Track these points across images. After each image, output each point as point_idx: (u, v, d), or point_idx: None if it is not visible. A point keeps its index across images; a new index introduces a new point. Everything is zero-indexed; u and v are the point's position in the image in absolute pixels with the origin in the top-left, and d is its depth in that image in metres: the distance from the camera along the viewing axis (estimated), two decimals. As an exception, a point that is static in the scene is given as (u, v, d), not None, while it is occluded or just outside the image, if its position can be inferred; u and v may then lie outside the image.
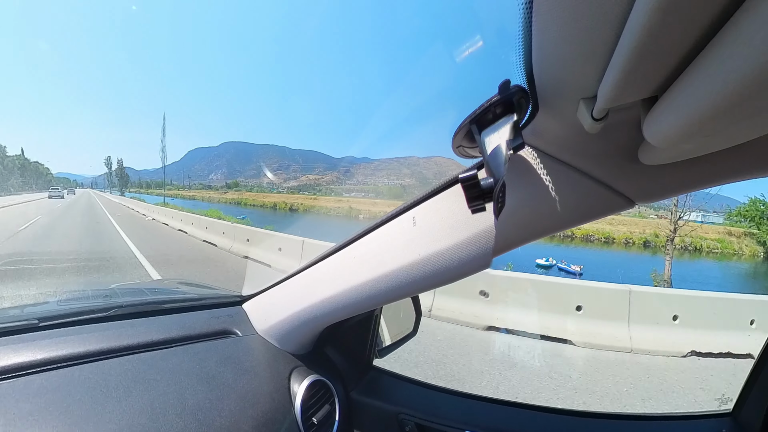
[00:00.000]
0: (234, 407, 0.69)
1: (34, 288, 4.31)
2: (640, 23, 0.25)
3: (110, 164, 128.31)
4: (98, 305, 0.87)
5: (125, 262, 6.91)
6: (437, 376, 3.08)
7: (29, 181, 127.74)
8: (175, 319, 0.88)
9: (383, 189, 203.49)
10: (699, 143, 0.35)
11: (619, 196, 0.52)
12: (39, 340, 0.69)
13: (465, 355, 3.61)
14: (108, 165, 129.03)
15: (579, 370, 3.47)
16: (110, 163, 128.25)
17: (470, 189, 0.41)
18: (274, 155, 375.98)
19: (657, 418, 1.02)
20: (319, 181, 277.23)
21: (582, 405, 2.82)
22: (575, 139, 0.47)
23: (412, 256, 0.61)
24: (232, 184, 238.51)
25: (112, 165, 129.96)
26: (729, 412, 0.96)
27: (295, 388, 0.81)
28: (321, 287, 0.76)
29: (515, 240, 0.57)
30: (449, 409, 0.94)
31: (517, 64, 0.40)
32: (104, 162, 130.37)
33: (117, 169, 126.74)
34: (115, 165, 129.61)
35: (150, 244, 9.20)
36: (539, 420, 0.93)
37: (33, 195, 53.91)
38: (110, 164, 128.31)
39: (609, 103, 0.34)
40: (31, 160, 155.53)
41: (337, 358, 0.99)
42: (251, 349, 0.87)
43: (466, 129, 0.45)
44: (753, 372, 0.92)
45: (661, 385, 3.23)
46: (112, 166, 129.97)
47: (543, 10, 0.31)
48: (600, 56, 0.32)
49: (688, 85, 0.28)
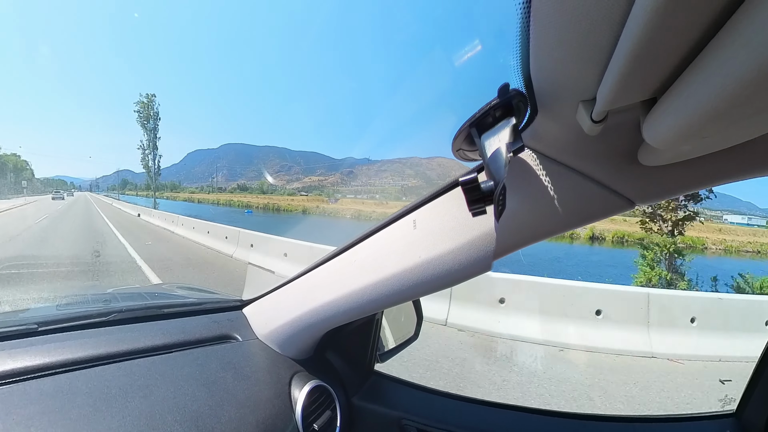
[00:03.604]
0: (234, 413, 0.69)
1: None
2: (638, 26, 0.25)
3: (117, 169, 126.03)
4: (97, 310, 0.86)
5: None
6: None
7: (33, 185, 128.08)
8: (175, 324, 0.88)
9: (391, 190, 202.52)
10: (698, 144, 0.35)
11: (619, 197, 0.52)
12: (38, 345, 0.69)
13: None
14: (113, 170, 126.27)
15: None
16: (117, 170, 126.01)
17: (471, 192, 0.41)
18: (274, 157, 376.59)
19: (661, 420, 1.02)
20: (322, 182, 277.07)
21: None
22: (575, 141, 0.47)
23: (412, 260, 0.60)
24: (242, 186, 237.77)
25: (111, 169, 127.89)
26: (732, 413, 0.95)
27: (296, 394, 0.80)
28: (321, 291, 0.76)
29: (516, 242, 0.57)
30: (452, 414, 0.93)
31: (516, 67, 0.40)
32: (103, 166, 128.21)
33: (115, 173, 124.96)
34: (114, 168, 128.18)
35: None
36: (544, 424, 0.92)
37: (37, 197, 59.52)
38: (117, 169, 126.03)
39: (608, 105, 0.34)
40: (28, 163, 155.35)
41: (338, 363, 0.98)
42: (251, 354, 0.86)
43: (466, 132, 0.45)
44: (756, 372, 0.92)
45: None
46: (110, 170, 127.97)
47: (541, 13, 0.31)
48: (599, 59, 0.32)
49: (687, 86, 0.28)
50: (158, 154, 49.17)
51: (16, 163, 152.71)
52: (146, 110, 49.39)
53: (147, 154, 48.89)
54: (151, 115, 49.56)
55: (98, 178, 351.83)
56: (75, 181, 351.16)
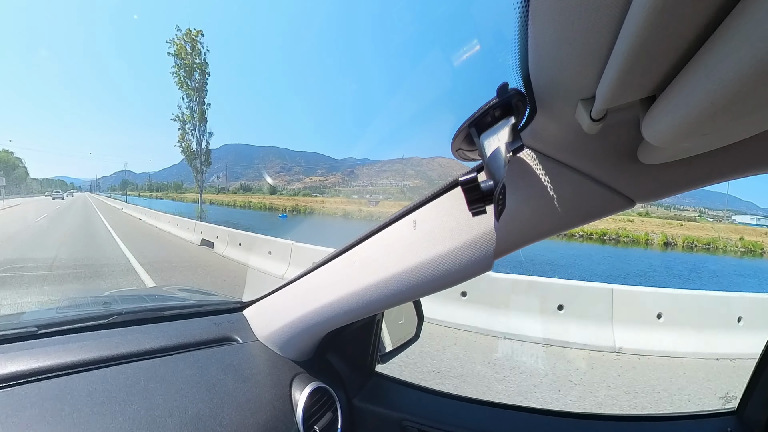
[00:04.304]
0: (235, 416, 0.69)
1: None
2: (637, 24, 0.25)
3: (123, 170, 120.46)
4: (97, 312, 0.86)
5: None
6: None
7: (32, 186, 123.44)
8: (175, 326, 0.88)
9: (394, 190, 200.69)
10: (698, 141, 0.35)
11: (619, 195, 0.52)
12: (38, 348, 0.69)
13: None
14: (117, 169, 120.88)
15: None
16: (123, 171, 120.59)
17: (470, 191, 0.41)
18: (275, 157, 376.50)
19: (662, 419, 1.02)
20: (324, 182, 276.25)
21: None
22: (574, 140, 0.47)
23: (413, 260, 0.60)
24: (245, 186, 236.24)
25: (111, 170, 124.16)
26: (734, 411, 0.95)
27: (297, 396, 0.80)
28: (322, 292, 0.76)
29: (517, 242, 0.57)
30: (454, 415, 0.93)
31: (514, 66, 0.40)
32: (104, 167, 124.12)
33: (116, 173, 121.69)
34: (115, 170, 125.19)
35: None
36: (546, 424, 0.92)
37: (22, 199, 55.29)
38: (123, 170, 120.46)
39: (607, 103, 0.34)
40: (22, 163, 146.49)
41: (339, 365, 0.98)
42: (252, 356, 0.86)
43: (466, 132, 0.45)
44: (756, 370, 0.92)
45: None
46: (111, 171, 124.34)
47: (539, 13, 0.31)
48: (597, 57, 0.32)
49: (686, 84, 0.28)
50: (206, 130, 27.45)
51: (7, 160, 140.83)
52: (188, 57, 26.79)
53: (189, 131, 26.89)
54: (196, 66, 26.95)
55: (99, 178, 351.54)
56: (75, 181, 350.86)
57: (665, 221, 42.93)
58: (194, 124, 26.72)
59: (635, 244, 35.35)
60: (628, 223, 41.56)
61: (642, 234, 36.46)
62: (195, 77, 26.93)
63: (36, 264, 6.58)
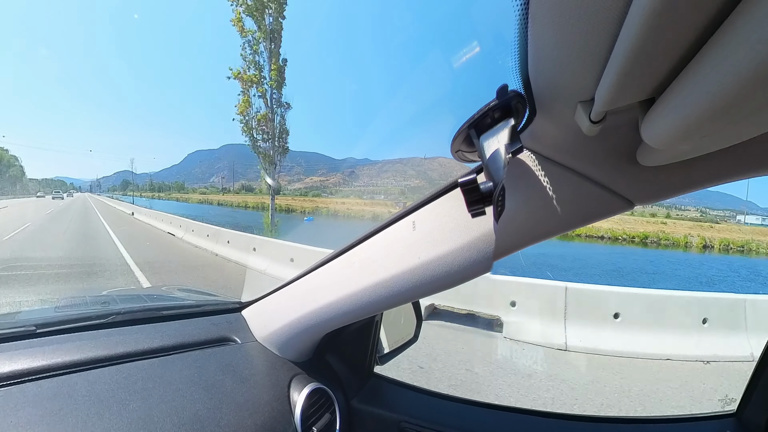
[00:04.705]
0: (233, 416, 0.68)
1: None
2: (636, 26, 0.25)
3: (129, 169, 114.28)
4: (96, 312, 0.86)
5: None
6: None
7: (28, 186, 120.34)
8: (174, 327, 0.88)
9: (395, 190, 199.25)
10: (697, 144, 0.35)
11: (618, 197, 0.52)
12: (36, 347, 0.68)
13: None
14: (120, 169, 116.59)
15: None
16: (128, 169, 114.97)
17: (470, 193, 0.41)
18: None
19: (661, 421, 1.02)
20: (324, 182, 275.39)
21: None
22: (573, 141, 0.47)
23: (412, 261, 0.60)
24: (247, 187, 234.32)
25: (110, 171, 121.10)
26: (733, 413, 0.95)
27: (295, 397, 0.80)
28: (321, 293, 0.76)
29: (516, 243, 0.57)
30: (452, 417, 0.93)
31: (514, 68, 0.40)
32: (103, 168, 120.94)
33: (116, 174, 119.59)
34: (115, 170, 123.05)
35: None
36: (544, 426, 0.92)
37: (9, 201, 48.24)
38: (129, 169, 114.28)
39: (606, 105, 0.34)
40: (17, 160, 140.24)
41: (338, 366, 0.98)
42: (250, 356, 0.86)
43: (465, 133, 0.45)
44: (756, 372, 0.92)
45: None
46: (111, 171, 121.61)
47: (539, 15, 0.31)
48: (597, 59, 0.32)
49: (685, 86, 0.28)
50: (285, 101, 14.58)
51: (1, 158, 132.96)
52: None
53: (255, 97, 14.02)
54: (269, 4, 13.38)
55: (99, 178, 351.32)
56: (75, 181, 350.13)
57: (695, 224, 42.69)
58: (267, 87, 14.30)
59: (674, 246, 35.14)
60: (662, 226, 41.38)
61: (681, 237, 36.34)
62: (268, 20, 14.09)
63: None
